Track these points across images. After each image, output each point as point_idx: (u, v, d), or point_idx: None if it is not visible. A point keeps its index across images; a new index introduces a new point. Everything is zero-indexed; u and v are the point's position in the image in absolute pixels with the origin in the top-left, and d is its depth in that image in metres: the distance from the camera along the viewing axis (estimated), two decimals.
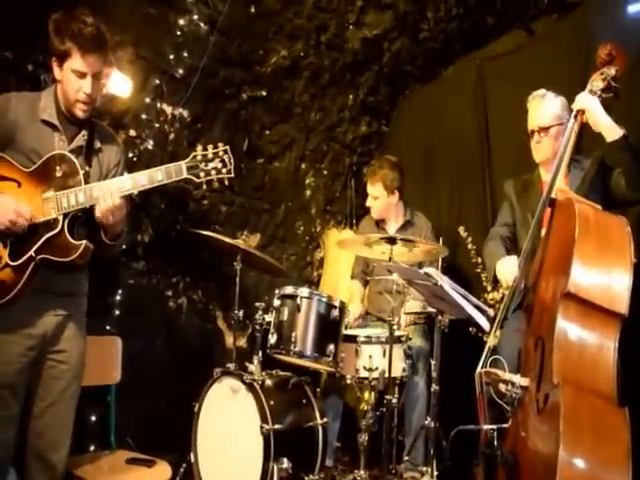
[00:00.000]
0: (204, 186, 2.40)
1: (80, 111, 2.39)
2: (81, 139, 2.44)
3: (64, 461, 2.48)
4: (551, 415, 2.00)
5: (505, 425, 2.30)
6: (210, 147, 2.38)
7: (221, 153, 2.38)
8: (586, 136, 2.81)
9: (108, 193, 2.30)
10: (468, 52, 4.50)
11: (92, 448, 3.33)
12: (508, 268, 2.82)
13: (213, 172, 2.37)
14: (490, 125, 4.15)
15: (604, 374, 2.07)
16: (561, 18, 3.92)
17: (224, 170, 2.38)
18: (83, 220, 2.39)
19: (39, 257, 2.30)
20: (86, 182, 2.35)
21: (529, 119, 3.01)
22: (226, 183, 2.42)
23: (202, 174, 2.36)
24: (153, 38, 3.68)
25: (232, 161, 2.39)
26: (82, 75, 2.33)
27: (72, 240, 2.32)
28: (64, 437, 2.47)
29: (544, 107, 2.96)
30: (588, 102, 2.56)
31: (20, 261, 2.28)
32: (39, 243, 2.30)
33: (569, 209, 2.24)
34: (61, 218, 2.32)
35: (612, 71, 2.55)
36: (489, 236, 3.24)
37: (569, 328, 2.11)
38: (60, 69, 2.35)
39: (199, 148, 2.38)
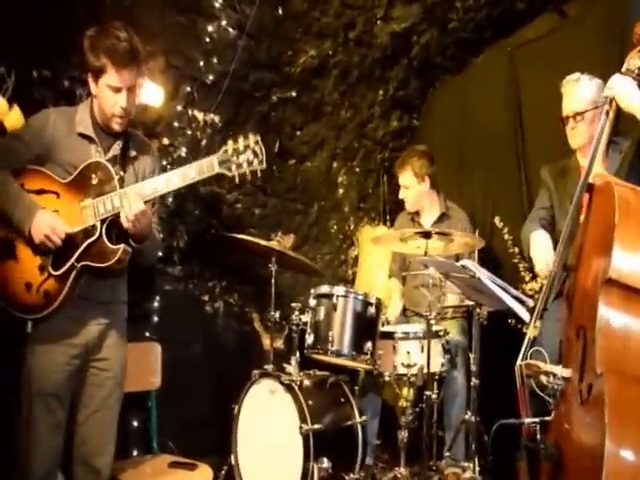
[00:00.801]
0: (237, 179, 2.35)
1: (117, 125, 2.43)
2: (116, 148, 2.48)
3: (109, 466, 2.51)
4: (595, 406, 1.93)
5: (548, 418, 2.24)
6: (241, 139, 2.34)
7: (252, 144, 2.33)
8: (625, 117, 2.71)
9: (132, 200, 2.31)
10: (499, 39, 4.42)
11: (135, 453, 3.37)
12: (540, 243, 2.79)
13: (245, 164, 2.32)
14: (523, 112, 4.08)
15: None
16: None
17: (256, 161, 2.32)
18: (121, 226, 2.39)
19: (80, 264, 2.33)
20: (121, 187, 2.37)
21: (564, 105, 2.95)
22: (259, 174, 2.36)
23: (234, 167, 2.32)
24: (183, 46, 3.71)
25: (264, 151, 2.34)
26: (117, 90, 2.36)
27: (110, 245, 2.34)
28: (108, 443, 2.51)
29: (578, 92, 2.90)
30: (617, 88, 2.44)
31: (62, 270, 2.32)
32: (79, 251, 2.33)
33: (608, 193, 2.15)
34: (99, 224, 2.34)
35: None
36: (527, 220, 3.18)
37: (612, 315, 2.03)
38: (96, 84, 2.39)
39: (230, 141, 2.34)
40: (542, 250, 2.81)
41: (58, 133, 2.40)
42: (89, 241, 2.34)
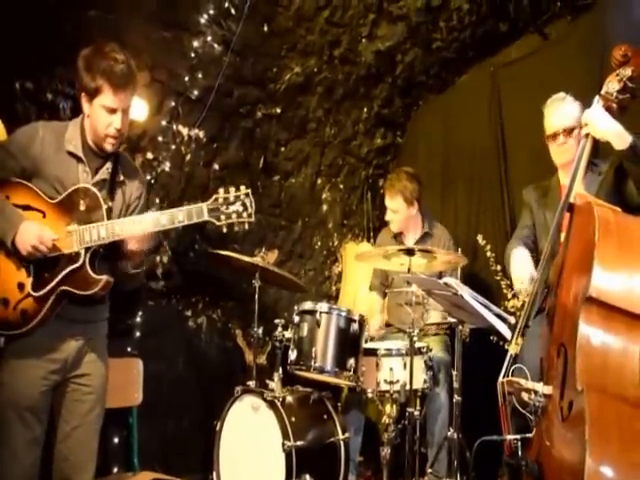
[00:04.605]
0: (224, 229, 2.38)
1: (110, 145, 2.41)
2: (105, 172, 2.46)
3: None
4: (576, 422, 1.94)
5: (529, 435, 2.25)
6: (232, 190, 2.37)
7: (242, 196, 2.37)
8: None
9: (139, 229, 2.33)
10: (482, 59, 4.49)
11: (115, 470, 3.35)
12: (517, 262, 2.83)
13: (234, 215, 2.35)
14: (506, 131, 4.12)
15: (630, 379, 2.00)
16: (575, 20, 3.89)
17: (245, 214, 2.36)
18: (103, 254, 2.40)
19: (60, 289, 2.31)
20: (108, 217, 2.37)
21: (550, 122, 2.98)
22: (246, 227, 2.41)
23: (223, 217, 2.35)
24: (168, 61, 3.72)
25: (253, 205, 2.38)
26: (112, 111, 2.35)
27: (93, 274, 2.33)
28: (89, 460, 2.48)
29: (565, 109, 2.96)
30: (591, 126, 2.49)
31: (42, 292, 2.30)
32: (61, 275, 2.31)
33: (588, 213, 2.18)
34: (83, 252, 2.33)
35: (628, 72, 2.49)
36: (511, 240, 3.22)
37: (592, 333, 2.05)
38: (89, 105, 2.37)
39: (221, 190, 2.37)
40: (519, 269, 2.86)
41: (46, 149, 2.38)
42: (72, 267, 2.32)
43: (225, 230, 2.39)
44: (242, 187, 2.39)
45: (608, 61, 2.59)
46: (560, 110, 2.96)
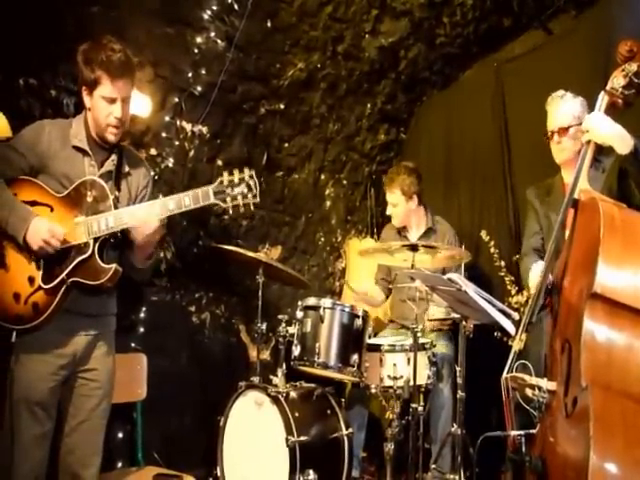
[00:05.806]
0: (230, 211, 2.41)
1: (112, 135, 2.45)
2: (110, 164, 2.50)
3: (95, 478, 2.50)
4: (580, 419, 1.94)
5: (533, 431, 2.25)
6: (236, 172, 2.40)
7: (247, 178, 2.40)
8: None
9: (148, 216, 2.35)
10: (486, 55, 4.48)
11: (119, 465, 3.37)
12: (537, 273, 2.79)
13: (239, 197, 2.38)
14: (509, 127, 4.11)
15: (635, 375, 1.99)
16: (579, 16, 3.88)
17: (250, 195, 2.39)
18: (113, 244, 2.44)
19: (70, 280, 2.35)
20: (116, 207, 2.40)
21: (548, 120, 2.99)
22: (252, 208, 2.43)
23: (228, 199, 2.38)
24: (171, 57, 3.73)
25: (257, 185, 2.41)
26: (112, 100, 2.39)
27: (102, 264, 2.36)
28: (94, 454, 2.50)
29: (563, 108, 2.95)
30: (592, 132, 2.45)
31: (52, 284, 2.33)
32: (71, 267, 2.35)
33: (593, 209, 2.17)
34: (92, 242, 2.36)
35: (633, 67, 2.46)
36: (522, 252, 3.21)
37: (596, 329, 2.04)
38: (90, 97, 2.41)
39: (225, 173, 2.40)
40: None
41: (53, 145, 2.41)
42: (81, 258, 2.36)
43: (229, 224, 2.40)
44: (245, 169, 2.41)
45: (613, 56, 2.57)
46: (557, 109, 2.96)
